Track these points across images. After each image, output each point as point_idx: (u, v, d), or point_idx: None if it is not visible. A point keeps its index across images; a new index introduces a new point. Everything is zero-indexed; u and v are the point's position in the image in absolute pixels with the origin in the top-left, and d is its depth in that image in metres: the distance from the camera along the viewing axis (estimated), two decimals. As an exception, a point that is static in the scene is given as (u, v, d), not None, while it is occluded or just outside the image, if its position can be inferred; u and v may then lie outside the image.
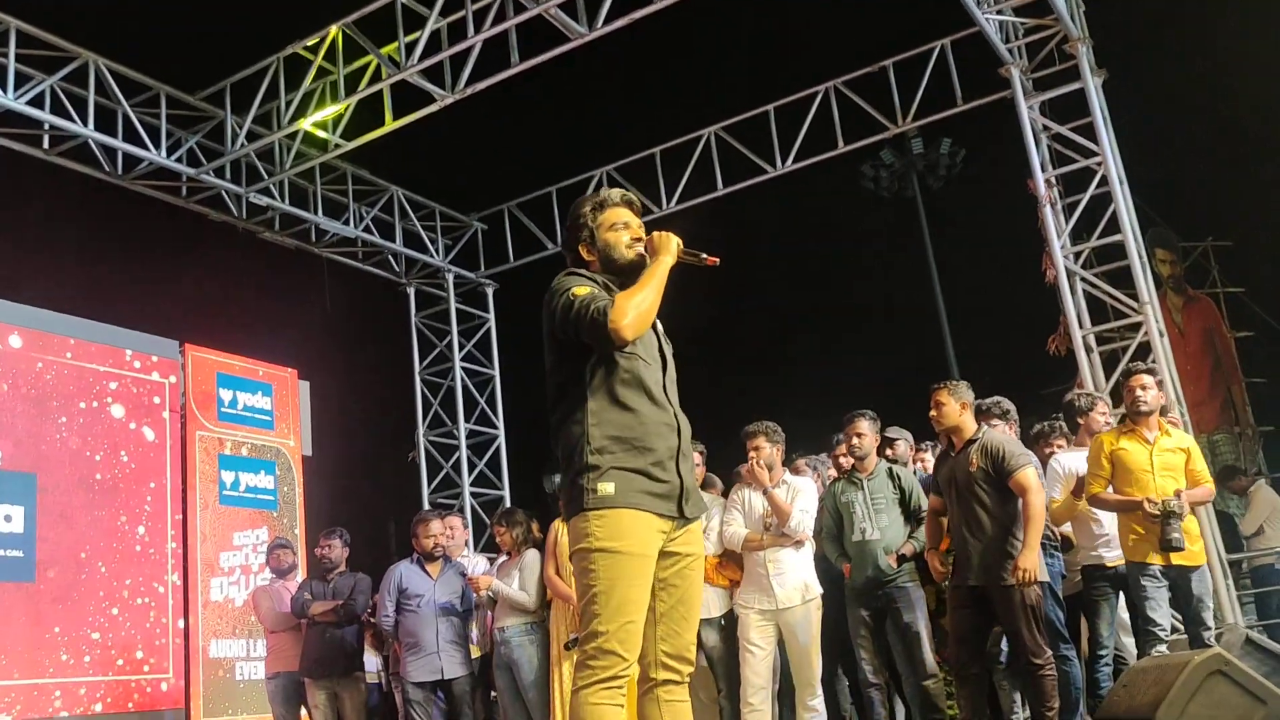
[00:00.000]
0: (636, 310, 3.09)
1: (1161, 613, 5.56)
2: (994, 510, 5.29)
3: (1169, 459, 5.73)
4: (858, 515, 6.07)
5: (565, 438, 3.19)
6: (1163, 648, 5.45)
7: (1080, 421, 6.32)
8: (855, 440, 6.16)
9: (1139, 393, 5.79)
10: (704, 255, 3.33)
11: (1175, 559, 5.52)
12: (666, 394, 3.26)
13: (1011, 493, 5.28)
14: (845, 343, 16.53)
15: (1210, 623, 5.71)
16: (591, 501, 3.07)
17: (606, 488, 3.07)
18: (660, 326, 3.43)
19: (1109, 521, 5.93)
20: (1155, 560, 5.56)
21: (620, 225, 3.37)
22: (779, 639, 6.04)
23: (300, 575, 8.08)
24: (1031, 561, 5.16)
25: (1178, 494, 5.56)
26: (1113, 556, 5.89)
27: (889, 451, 6.67)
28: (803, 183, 11.09)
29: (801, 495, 6.11)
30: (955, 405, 5.49)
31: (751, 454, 6.10)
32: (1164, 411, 6.22)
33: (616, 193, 3.46)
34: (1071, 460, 6.09)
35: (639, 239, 3.35)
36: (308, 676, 7.31)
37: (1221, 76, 12.75)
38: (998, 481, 5.29)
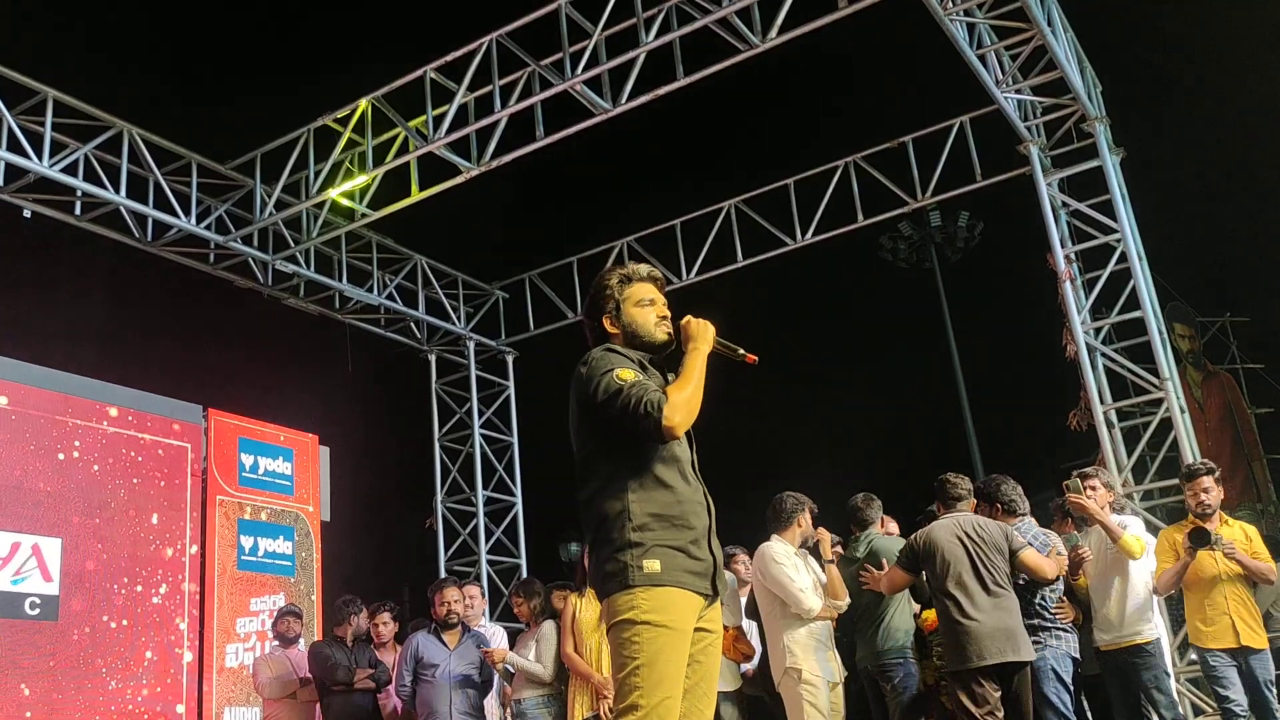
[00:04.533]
0: (688, 408, 3.12)
1: (1236, 689, 5.72)
2: None
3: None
4: None
5: (600, 513, 3.16)
6: None
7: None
8: None
9: (1202, 496, 5.95)
10: (741, 351, 3.35)
11: (1245, 641, 5.77)
12: (696, 472, 3.28)
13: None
14: (862, 414, 16.53)
15: (1276, 708, 5.71)
16: (638, 578, 3.05)
17: (653, 565, 3.05)
18: None
19: (1100, 604, 6.00)
20: (1221, 645, 5.82)
21: (646, 302, 3.38)
22: None
23: (303, 645, 8.01)
24: None
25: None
26: (1105, 640, 5.94)
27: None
28: (822, 255, 11.17)
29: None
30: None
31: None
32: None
33: (644, 268, 3.48)
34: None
35: (665, 317, 3.37)
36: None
37: (1238, 154, 12.86)
38: None
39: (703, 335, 3.27)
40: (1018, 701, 5.29)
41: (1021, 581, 5.59)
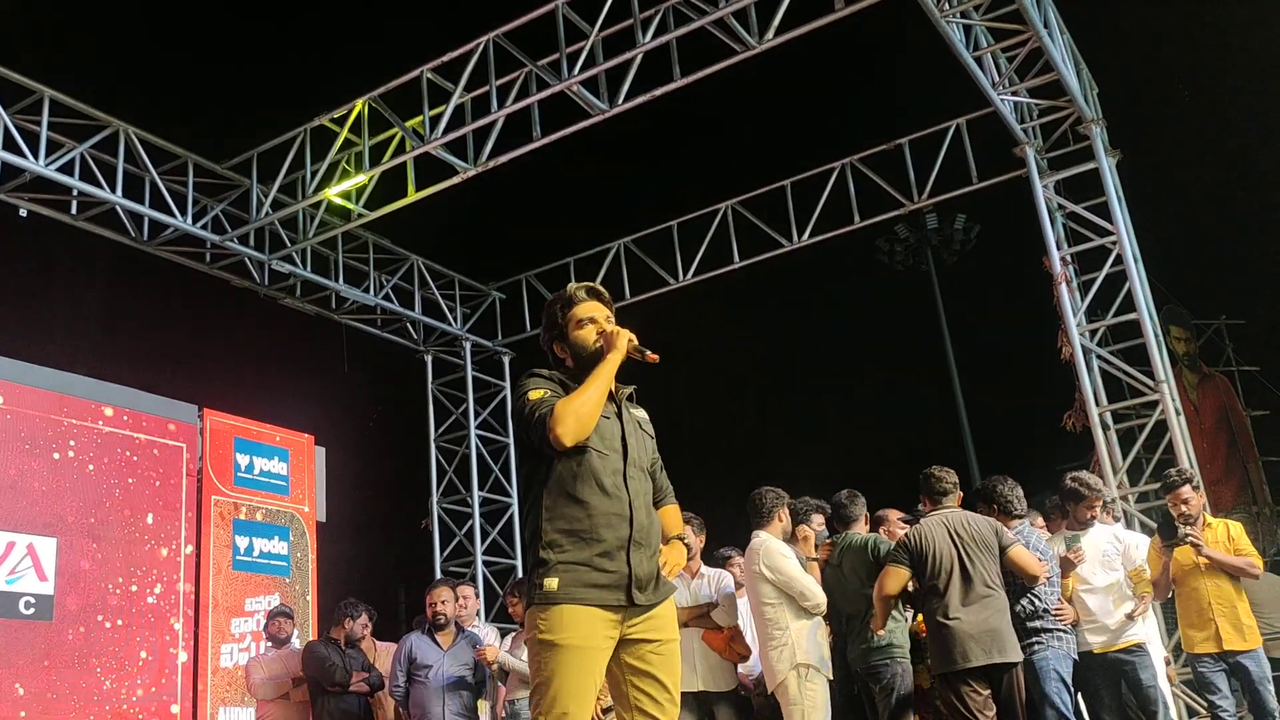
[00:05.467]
0: (574, 415, 3.17)
1: (1223, 693, 5.82)
2: None
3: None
4: None
5: (528, 531, 3.29)
6: None
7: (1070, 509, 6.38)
8: None
9: (1182, 508, 6.03)
10: (646, 352, 3.38)
11: (1229, 645, 5.85)
12: (626, 484, 3.26)
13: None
14: (858, 416, 16.55)
15: (1274, 706, 5.72)
16: (537, 597, 3.16)
17: (551, 583, 3.14)
18: (639, 413, 3.47)
19: (1097, 607, 5.98)
20: (1207, 649, 5.91)
21: (587, 321, 3.41)
22: None
23: (297, 644, 8.00)
24: None
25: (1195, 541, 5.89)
26: (1099, 642, 5.93)
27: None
28: (818, 256, 11.18)
29: None
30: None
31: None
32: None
33: (582, 288, 3.49)
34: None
35: (603, 331, 3.39)
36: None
37: (1235, 156, 12.88)
38: None
39: (613, 344, 3.32)
40: (1009, 702, 5.26)
41: (1020, 583, 5.58)
